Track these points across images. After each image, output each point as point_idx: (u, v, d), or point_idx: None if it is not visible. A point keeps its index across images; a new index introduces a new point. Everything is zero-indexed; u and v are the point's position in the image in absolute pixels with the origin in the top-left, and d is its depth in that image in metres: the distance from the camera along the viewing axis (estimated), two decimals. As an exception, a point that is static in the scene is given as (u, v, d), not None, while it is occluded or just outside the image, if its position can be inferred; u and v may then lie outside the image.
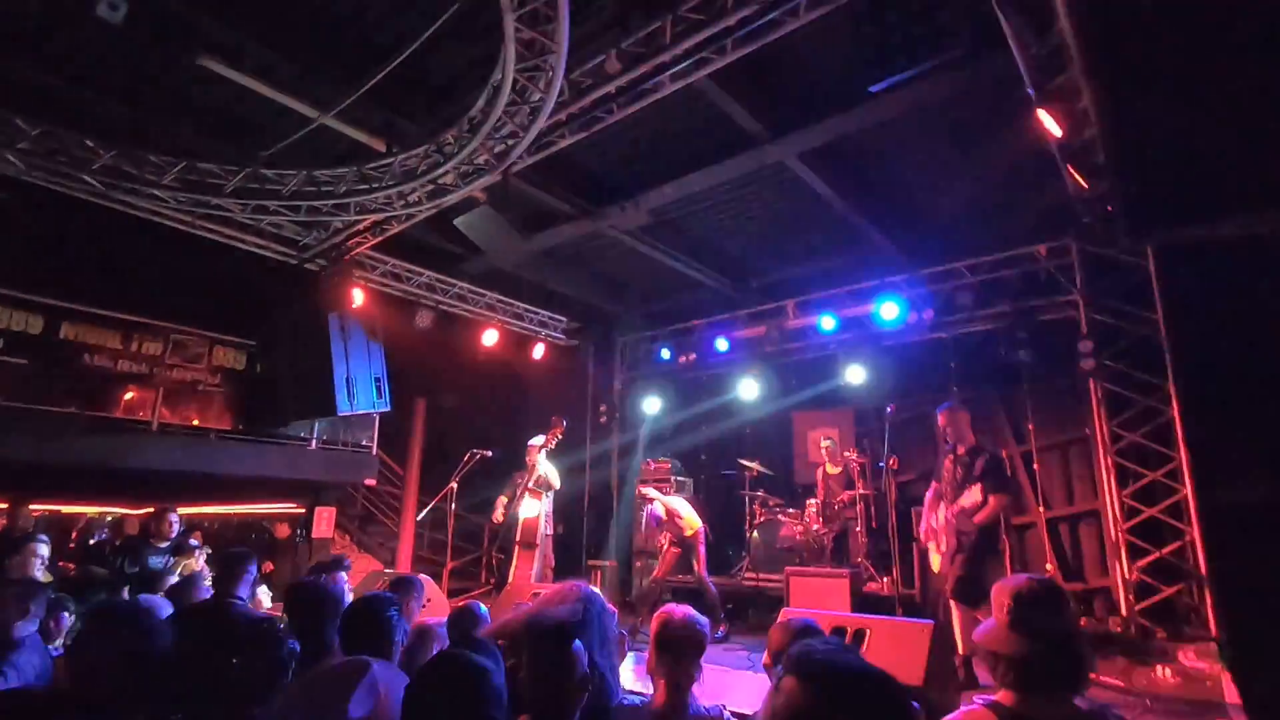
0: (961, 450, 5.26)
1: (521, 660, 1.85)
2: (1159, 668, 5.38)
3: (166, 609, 2.86)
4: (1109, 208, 5.58)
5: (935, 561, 5.34)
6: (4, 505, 6.65)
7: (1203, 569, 5.87)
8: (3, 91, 5.37)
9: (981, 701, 1.86)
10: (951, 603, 4.96)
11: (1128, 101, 4.19)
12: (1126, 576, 6.19)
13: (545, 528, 7.51)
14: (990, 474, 5.03)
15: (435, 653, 2.30)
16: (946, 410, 5.43)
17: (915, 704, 1.57)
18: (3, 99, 5.31)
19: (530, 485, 7.59)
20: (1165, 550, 6.09)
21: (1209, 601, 5.76)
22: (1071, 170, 5.16)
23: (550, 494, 7.72)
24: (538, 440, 7.68)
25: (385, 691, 1.65)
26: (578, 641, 1.84)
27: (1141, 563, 6.16)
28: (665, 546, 7.44)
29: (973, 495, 4.97)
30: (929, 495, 5.53)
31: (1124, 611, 6.16)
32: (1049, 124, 4.57)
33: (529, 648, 1.84)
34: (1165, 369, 6.27)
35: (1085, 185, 5.32)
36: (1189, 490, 6.06)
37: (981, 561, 4.94)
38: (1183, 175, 5.20)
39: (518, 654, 1.91)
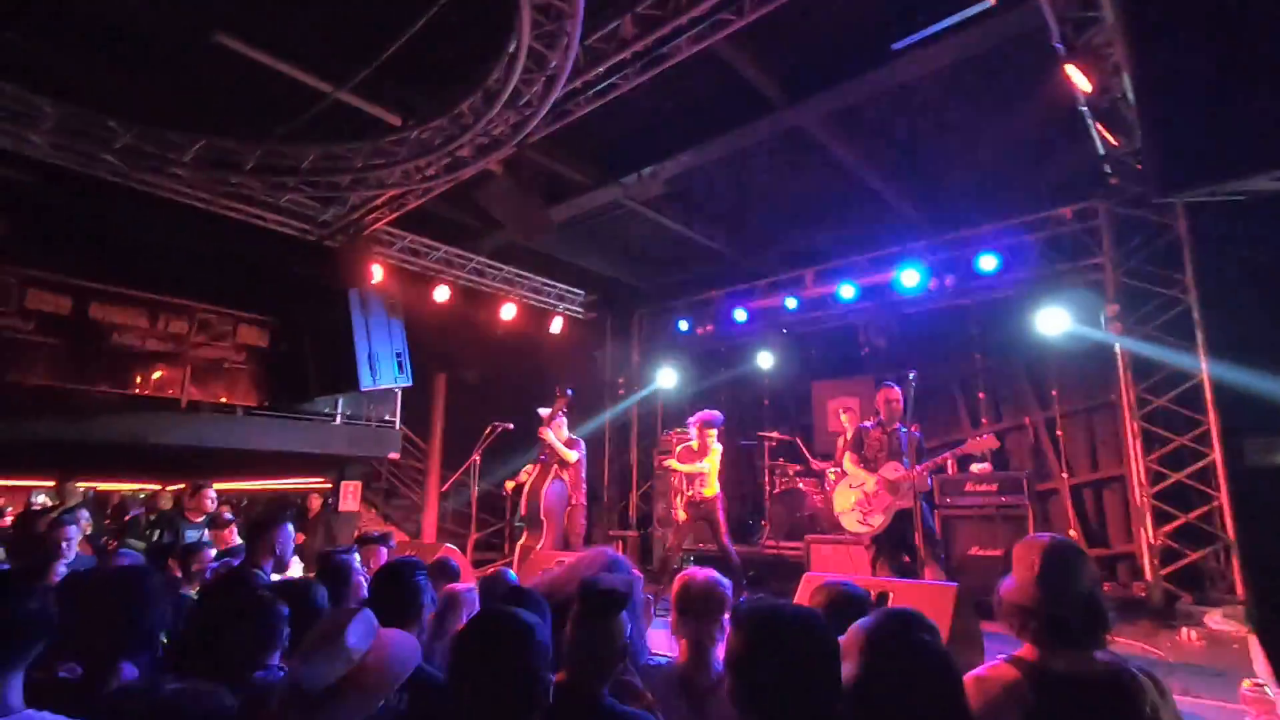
0: (891, 427, 5.64)
1: (567, 619, 1.89)
2: (1184, 630, 5.37)
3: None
4: (1138, 165, 5.42)
5: (853, 519, 5.66)
6: (52, 483, 6.86)
7: (1230, 533, 5.81)
8: (25, 73, 5.40)
9: (1004, 657, 1.89)
10: (932, 563, 5.08)
11: (1161, 54, 4.05)
12: (1152, 541, 6.15)
13: (557, 501, 7.49)
14: (923, 447, 5.55)
15: (471, 616, 2.35)
16: (891, 387, 5.75)
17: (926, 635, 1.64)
18: (25, 80, 5.35)
19: (542, 457, 7.61)
20: (1192, 515, 6.03)
21: (1235, 565, 5.72)
22: (1100, 128, 5.02)
23: (566, 466, 7.70)
24: (544, 411, 7.65)
25: (385, 638, 1.67)
26: (624, 612, 1.88)
27: (1168, 528, 6.11)
28: (684, 515, 7.47)
29: (897, 469, 5.42)
30: (850, 460, 5.86)
31: (1149, 576, 6.13)
32: (1078, 79, 4.45)
33: (579, 610, 1.88)
34: (1194, 331, 6.14)
35: (1115, 143, 5.17)
36: (1217, 455, 5.98)
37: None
38: (1216, 130, 5.03)
39: (562, 613, 1.95)
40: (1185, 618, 5.57)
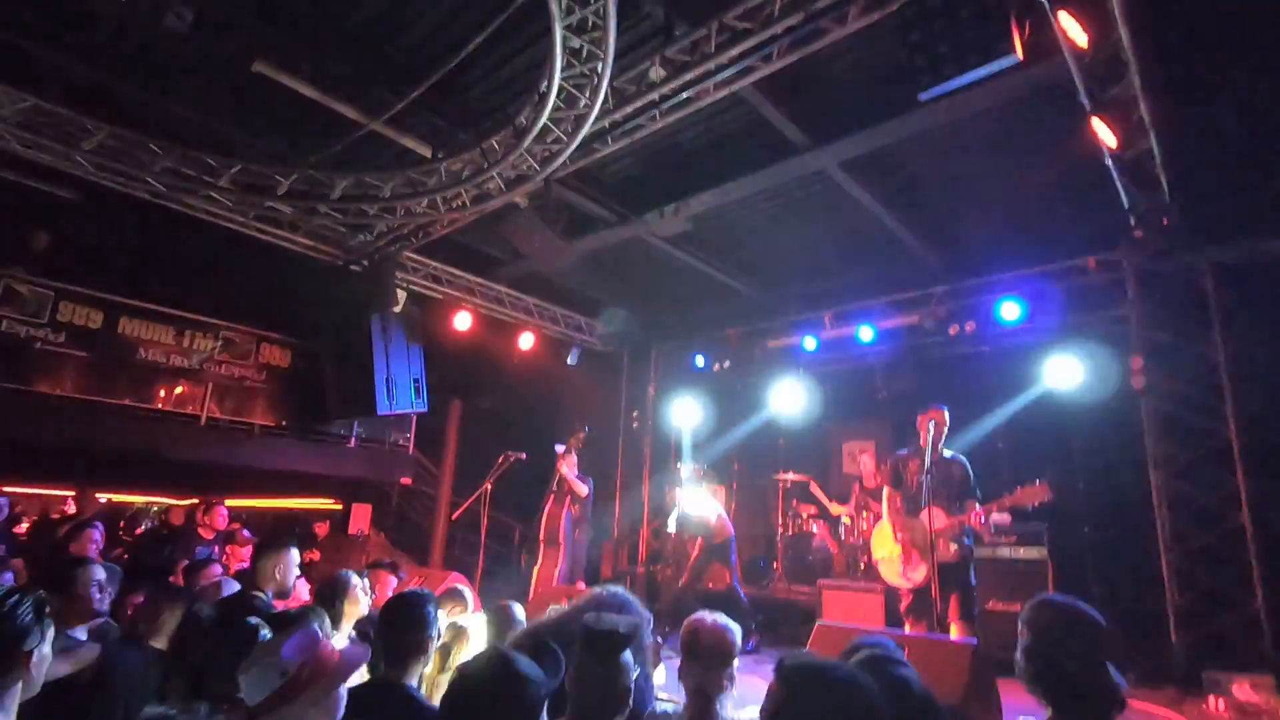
0: (935, 456, 5.04)
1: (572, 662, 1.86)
2: (1211, 699, 5.16)
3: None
4: (1165, 220, 5.40)
5: (898, 573, 5.15)
6: (73, 493, 6.94)
7: (1259, 599, 5.61)
8: (74, 94, 5.62)
9: None
10: (956, 623, 4.75)
11: (1187, 112, 4.06)
12: (1177, 603, 5.95)
13: (570, 529, 7.50)
14: (970, 481, 5.01)
15: (480, 651, 2.33)
16: (938, 409, 5.20)
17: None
18: (73, 102, 5.56)
19: (555, 489, 7.64)
20: (1220, 578, 5.83)
21: (1267, 633, 5.50)
22: (1126, 181, 5.01)
23: (577, 501, 7.72)
24: (560, 448, 7.73)
25: (324, 648, 1.73)
26: (628, 652, 1.85)
27: (1194, 591, 5.91)
28: (694, 554, 7.40)
29: (941, 518, 4.87)
30: (888, 501, 5.35)
31: (1174, 640, 5.92)
32: (1103, 134, 4.46)
33: (581, 653, 1.84)
34: (1222, 388, 6.02)
35: (1140, 197, 5.16)
36: (1246, 516, 5.80)
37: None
38: (1243, 188, 5.01)
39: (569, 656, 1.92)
40: (1212, 686, 5.35)
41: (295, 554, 3.51)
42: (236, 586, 3.52)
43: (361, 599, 3.37)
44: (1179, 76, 4.17)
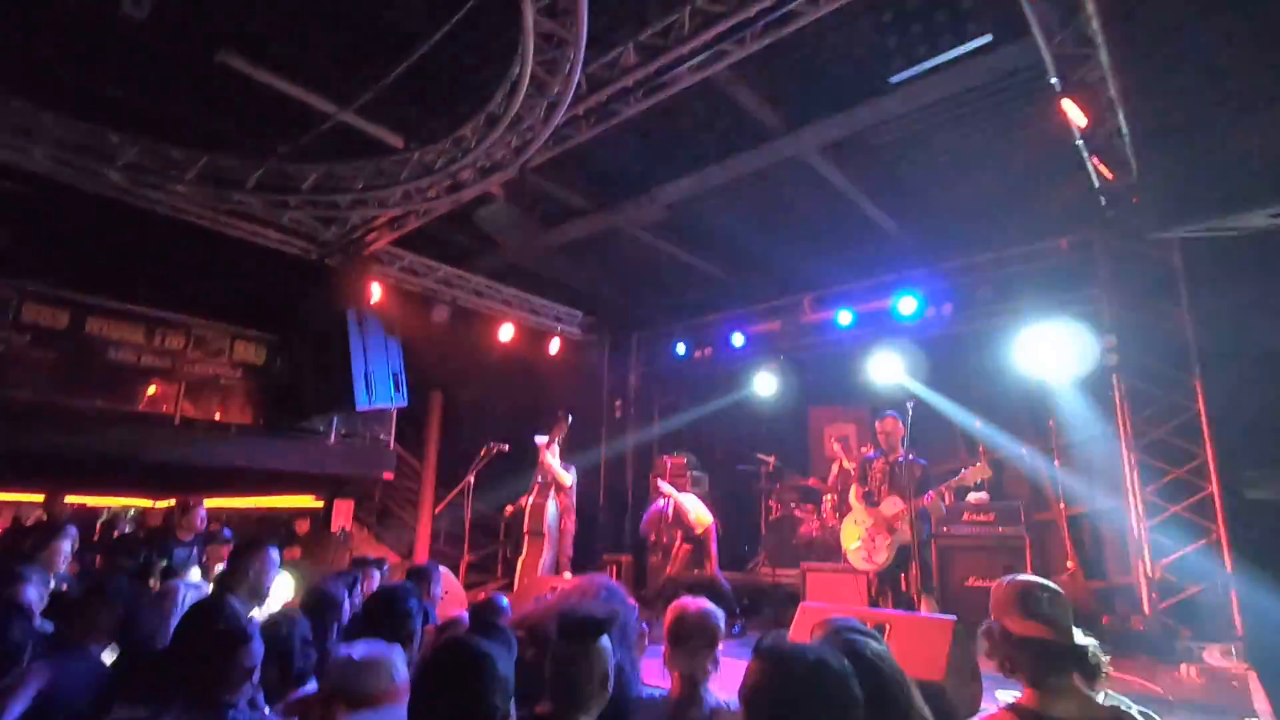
0: (893, 457, 5.71)
1: (543, 651, 1.85)
2: (1183, 667, 5.31)
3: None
4: (1135, 199, 5.47)
5: (864, 558, 5.71)
6: (41, 498, 6.78)
7: (1229, 567, 5.77)
8: (30, 87, 5.44)
9: (1002, 705, 1.91)
10: (925, 596, 5.13)
11: (1156, 90, 4.11)
12: (1150, 575, 6.10)
13: (555, 520, 7.49)
14: (927, 479, 5.60)
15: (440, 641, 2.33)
16: (890, 417, 5.83)
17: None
18: (30, 95, 5.38)
19: (539, 480, 7.61)
20: (1190, 548, 5.99)
21: (1235, 600, 5.67)
22: (1096, 161, 5.07)
23: (561, 490, 7.70)
24: (542, 438, 7.69)
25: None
26: (605, 638, 1.85)
27: (1165, 561, 6.06)
28: (678, 543, 7.43)
29: (896, 504, 5.52)
30: (855, 494, 5.97)
31: (1147, 610, 6.07)
32: (1073, 114, 4.50)
33: (557, 640, 1.85)
34: (1191, 363, 6.15)
35: (1110, 176, 5.22)
36: (1215, 487, 5.96)
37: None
38: (1211, 167, 5.08)
39: (539, 644, 1.92)
40: (1184, 654, 5.50)
41: (275, 554, 3.39)
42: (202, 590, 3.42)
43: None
44: (1149, 53, 4.21)
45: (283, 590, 4.22)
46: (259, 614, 3.11)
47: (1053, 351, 6.71)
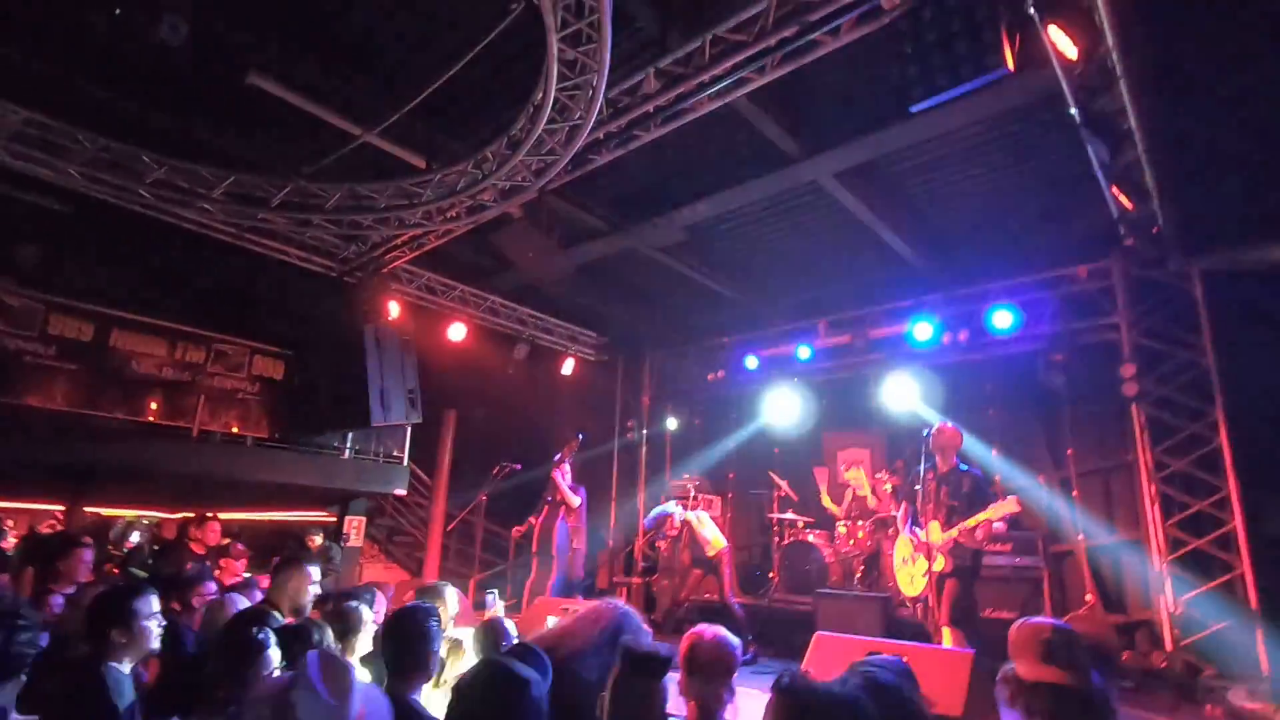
0: (944, 469, 5.18)
1: (566, 674, 1.86)
2: (1209, 708, 5.17)
3: None
4: (1155, 229, 5.46)
5: (909, 580, 5.35)
6: (62, 508, 6.84)
7: (1253, 604, 5.64)
8: (67, 107, 5.60)
9: None
10: (948, 628, 4.84)
11: (1177, 121, 4.11)
12: (1172, 610, 5.97)
13: (565, 540, 7.48)
14: (980, 495, 4.99)
15: (475, 663, 2.31)
16: (949, 426, 5.37)
17: None
18: (67, 114, 5.53)
19: (548, 500, 7.62)
20: (1213, 584, 5.86)
21: (1260, 638, 5.53)
22: (1116, 191, 5.06)
23: (571, 511, 7.70)
24: (555, 458, 7.73)
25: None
26: (666, 678, 1.87)
27: (1187, 596, 5.93)
28: (687, 566, 7.37)
29: (937, 530, 5.01)
30: (902, 513, 5.53)
31: (1169, 646, 5.93)
32: (1093, 144, 4.50)
33: (627, 671, 1.85)
34: (1212, 394, 6.07)
35: (1130, 206, 5.21)
36: (1238, 521, 5.84)
37: (973, 585, 4.98)
38: (1233, 196, 5.07)
39: (565, 668, 1.92)
40: (1208, 693, 5.36)
41: (314, 572, 3.48)
42: (245, 602, 3.50)
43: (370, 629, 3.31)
44: (1167, 85, 4.22)
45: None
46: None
47: (1063, 382, 6.61)
